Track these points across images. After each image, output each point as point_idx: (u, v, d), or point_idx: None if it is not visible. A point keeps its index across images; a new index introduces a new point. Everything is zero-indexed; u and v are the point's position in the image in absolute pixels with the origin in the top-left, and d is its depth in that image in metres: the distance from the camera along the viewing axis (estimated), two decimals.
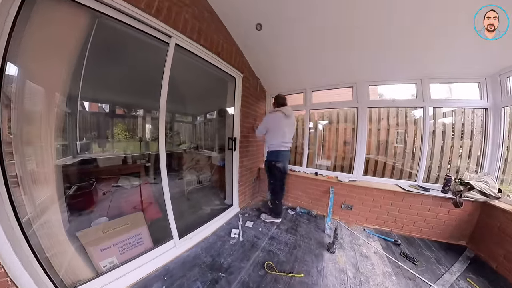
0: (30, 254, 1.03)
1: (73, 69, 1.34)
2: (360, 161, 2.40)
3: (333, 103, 2.65)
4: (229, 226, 2.13)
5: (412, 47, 1.71)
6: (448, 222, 1.88)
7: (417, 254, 1.78)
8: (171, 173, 3.37)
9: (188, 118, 5.08)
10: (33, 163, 1.19)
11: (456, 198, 1.77)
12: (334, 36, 1.83)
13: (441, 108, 2.10)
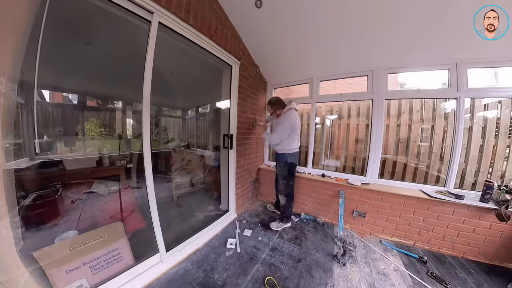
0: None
1: (25, 48, 1.10)
2: (375, 162, 2.21)
3: (344, 95, 2.45)
4: (225, 235, 2.02)
5: (445, 22, 1.47)
6: (491, 239, 1.65)
7: (450, 275, 1.58)
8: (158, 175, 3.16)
9: (177, 112, 4.84)
10: None
11: (501, 210, 1.53)
12: (346, 13, 1.61)
13: (482, 99, 1.84)
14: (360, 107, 2.59)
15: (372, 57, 2.00)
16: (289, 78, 2.77)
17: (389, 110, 2.34)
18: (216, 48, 1.90)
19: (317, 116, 2.83)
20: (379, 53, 1.94)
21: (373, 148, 2.20)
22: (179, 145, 4.03)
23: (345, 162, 2.78)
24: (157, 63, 1.42)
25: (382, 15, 1.54)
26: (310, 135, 2.72)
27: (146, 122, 1.41)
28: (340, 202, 2.11)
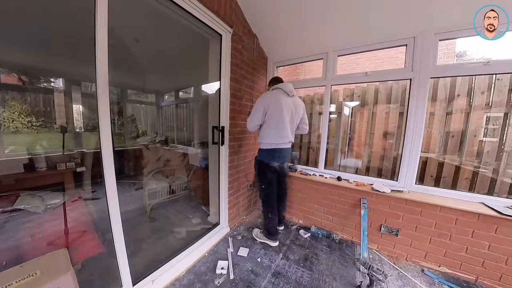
0: None
1: None
2: (411, 163, 1.90)
3: (371, 74, 2.07)
4: (214, 257, 1.83)
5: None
6: None
7: None
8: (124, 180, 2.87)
9: (149, 97, 4.44)
10: None
11: None
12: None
13: None
14: (392, 89, 2.26)
15: (416, 17, 1.61)
16: (297, 53, 2.46)
17: (435, 92, 1.99)
18: (199, 9, 1.61)
19: (333, 102, 2.57)
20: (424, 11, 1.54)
21: (409, 144, 1.89)
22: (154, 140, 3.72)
23: (369, 162, 2.51)
24: (116, 25, 1.20)
25: None
26: (322, 127, 2.44)
27: (104, 110, 1.19)
28: (363, 213, 1.87)
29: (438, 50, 1.66)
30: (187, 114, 3.99)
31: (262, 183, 2.01)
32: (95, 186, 2.47)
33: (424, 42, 1.68)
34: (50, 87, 2.93)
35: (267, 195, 2.02)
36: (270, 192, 2.01)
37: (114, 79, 1.22)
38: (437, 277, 1.60)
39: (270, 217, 2.00)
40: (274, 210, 2.02)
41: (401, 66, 1.89)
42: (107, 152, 1.23)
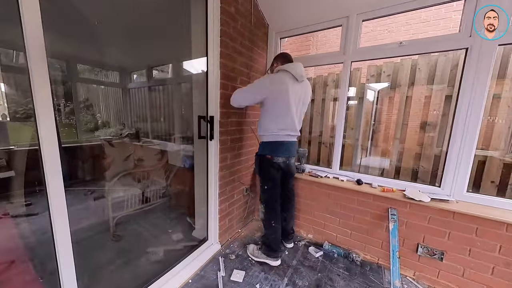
0: None
1: None
2: (462, 163, 1.63)
3: (408, 44, 1.77)
4: (200, 284, 1.66)
5: None
6: None
7: None
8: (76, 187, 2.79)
9: (111, 77, 4.05)
10: None
11: None
12: None
13: None
14: (437, 64, 2.00)
15: None
16: (307, 18, 2.19)
17: (504, 66, 1.70)
18: None
19: (352, 85, 2.34)
20: None
21: (458, 138, 1.62)
22: (120, 134, 3.44)
23: (400, 162, 2.31)
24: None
25: None
26: (338, 117, 2.23)
27: (42, 91, 1.00)
28: (392, 228, 1.69)
29: None
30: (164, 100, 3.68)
31: (264, 183, 1.90)
32: (32, 197, 2.20)
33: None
34: None
35: (270, 198, 1.90)
36: (274, 195, 1.90)
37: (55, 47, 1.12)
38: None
39: (273, 226, 1.86)
40: (278, 218, 1.90)
41: (454, 31, 1.58)
42: (50, 150, 1.03)
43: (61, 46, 2.76)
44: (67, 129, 3.59)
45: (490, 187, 1.80)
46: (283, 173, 1.92)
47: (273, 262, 1.87)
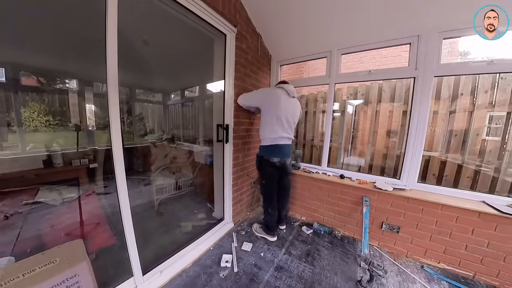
0: None
1: None
2: (414, 161, 1.92)
3: (375, 73, 2.08)
4: (219, 251, 1.89)
5: None
6: None
7: None
8: (133, 176, 2.99)
9: (156, 97, 4.59)
10: None
11: None
12: None
13: None
14: (395, 88, 2.28)
15: (420, 15, 1.61)
16: (301, 51, 2.48)
17: (439, 91, 2.01)
18: (205, 9, 1.66)
19: (336, 101, 2.57)
20: (428, 10, 1.54)
21: (412, 142, 1.91)
22: (161, 138, 3.83)
23: (372, 161, 2.55)
24: (125, 28, 1.25)
25: None
26: (326, 125, 2.48)
27: (114, 109, 1.24)
28: (365, 211, 1.91)
29: (442, 49, 1.67)
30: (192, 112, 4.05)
31: (263, 178, 2.08)
32: (107, 182, 2.58)
33: (428, 40, 1.69)
34: (65, 88, 3.09)
35: (267, 191, 2.08)
36: (270, 188, 2.06)
37: (123, 79, 1.32)
38: (436, 273, 1.64)
39: (269, 212, 2.06)
40: (274, 206, 2.07)
41: (405, 65, 1.89)
42: (117, 150, 1.29)
43: (127, 78, 3.24)
44: (127, 135, 4.03)
45: (432, 178, 2.07)
46: (279, 171, 2.04)
47: (271, 238, 2.09)
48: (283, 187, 2.17)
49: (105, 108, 1.28)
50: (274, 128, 1.91)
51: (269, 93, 1.97)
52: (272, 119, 1.90)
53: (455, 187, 1.87)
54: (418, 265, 1.78)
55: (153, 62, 2.87)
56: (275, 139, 1.95)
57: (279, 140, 1.95)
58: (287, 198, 2.24)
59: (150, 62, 3.02)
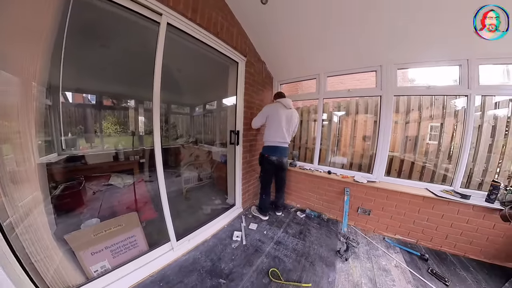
0: (13, 259, 1.02)
1: (50, 55, 1.26)
2: (382, 160, 2.24)
3: (352, 91, 2.43)
4: (231, 228, 2.11)
5: (453, 18, 1.47)
6: (493, 239, 1.69)
7: (449, 273, 1.64)
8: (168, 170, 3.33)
9: (185, 109, 5.07)
10: (13, 162, 1.15)
11: (506, 210, 1.56)
12: (353, 8, 1.62)
13: (493, 97, 1.82)
14: (368, 103, 2.58)
15: (382, 52, 1.99)
16: (296, 74, 2.79)
17: (398, 106, 2.31)
18: (222, 45, 1.96)
19: (324, 112, 2.84)
20: (388, 48, 1.92)
21: (380, 145, 2.21)
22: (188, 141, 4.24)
23: (352, 160, 2.80)
24: (166, 62, 1.50)
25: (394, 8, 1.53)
26: (317, 131, 2.76)
27: (156, 119, 1.50)
28: (346, 199, 2.18)
29: (397, 76, 2.03)
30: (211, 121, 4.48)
31: (262, 171, 2.30)
32: (151, 172, 2.93)
33: (388, 69, 2.05)
34: (127, 106, 3.73)
35: (264, 181, 2.29)
36: (266, 179, 2.27)
37: (163, 98, 1.56)
38: (392, 242, 2.00)
39: (263, 198, 2.29)
40: (268, 193, 2.28)
41: (373, 86, 2.22)
42: (157, 149, 1.51)
43: (165, 96, 3.78)
44: (164, 138, 4.37)
45: (394, 172, 2.37)
46: (276, 167, 2.21)
47: (263, 217, 2.30)
48: (279, 180, 2.36)
49: (150, 119, 1.49)
50: (274, 133, 2.13)
51: (270, 109, 2.18)
52: (273, 127, 2.13)
53: (409, 179, 2.19)
54: (381, 237, 2.11)
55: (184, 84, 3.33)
56: (274, 141, 2.15)
57: (277, 142, 2.15)
58: (282, 189, 2.42)
59: (182, 84, 3.48)
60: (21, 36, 1.11)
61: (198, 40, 1.75)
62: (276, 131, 2.15)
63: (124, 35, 1.98)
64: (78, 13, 1.27)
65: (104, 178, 2.65)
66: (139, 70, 1.81)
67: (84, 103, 3.42)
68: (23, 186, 1.19)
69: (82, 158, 2.76)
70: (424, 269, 1.67)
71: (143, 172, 2.91)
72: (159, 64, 1.47)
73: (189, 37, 1.68)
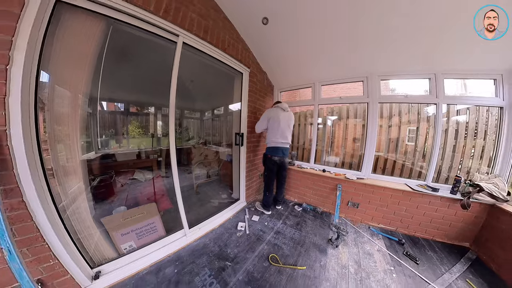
0: (66, 234, 1.27)
1: (93, 73, 1.52)
2: (369, 159, 2.40)
3: (343, 98, 2.61)
4: (236, 219, 2.24)
5: (424, 39, 1.67)
6: (454, 224, 1.91)
7: (420, 254, 1.84)
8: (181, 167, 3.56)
9: (196, 114, 5.35)
10: (64, 158, 1.42)
11: (464, 200, 1.78)
12: (343, 27, 1.82)
13: (455, 105, 2.04)
14: (357, 109, 2.75)
15: (366, 66, 2.19)
16: (294, 83, 2.96)
17: (382, 112, 2.49)
18: (229, 59, 2.15)
19: (320, 116, 2.98)
20: (372, 61, 2.12)
21: (368, 146, 2.38)
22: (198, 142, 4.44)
23: (344, 159, 2.94)
24: (180, 74, 1.67)
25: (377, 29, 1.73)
26: (313, 134, 2.93)
27: (172, 123, 1.66)
28: (338, 194, 2.33)
29: (380, 86, 2.22)
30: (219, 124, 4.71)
31: (265, 170, 2.38)
32: (167, 169, 3.14)
33: (372, 80, 2.24)
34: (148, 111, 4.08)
35: (267, 180, 2.36)
36: (269, 177, 2.34)
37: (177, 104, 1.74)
38: (376, 230, 2.17)
39: (266, 194, 2.36)
40: (270, 190, 2.36)
41: (361, 94, 2.40)
42: (172, 149, 1.66)
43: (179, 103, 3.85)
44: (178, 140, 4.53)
45: (379, 170, 2.53)
46: (278, 166, 2.27)
47: (266, 212, 2.39)
48: (281, 178, 2.43)
49: (167, 123, 1.64)
50: (275, 134, 2.20)
51: (270, 113, 2.27)
52: (274, 128, 2.21)
53: (391, 175, 2.37)
54: (367, 227, 2.28)
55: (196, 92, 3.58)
56: (276, 142, 2.22)
57: (279, 143, 2.22)
58: (283, 186, 2.51)
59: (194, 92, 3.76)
60: (73, 60, 1.38)
61: (208, 55, 1.93)
62: (277, 132, 2.21)
63: (147, 53, 2.22)
64: (114, 39, 1.53)
65: (130, 173, 2.92)
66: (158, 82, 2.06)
67: (115, 110, 3.78)
68: (71, 177, 1.44)
69: (113, 156, 3.10)
70: (400, 252, 1.86)
71: (160, 169, 3.16)
72: (175, 76, 1.65)
73: (200, 52, 1.86)
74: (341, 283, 1.44)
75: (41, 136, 1.14)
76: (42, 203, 1.09)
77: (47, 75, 1.22)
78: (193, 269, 1.50)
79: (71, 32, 1.29)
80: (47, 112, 1.27)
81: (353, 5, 1.59)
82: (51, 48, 1.17)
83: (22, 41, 1.00)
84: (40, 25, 1.07)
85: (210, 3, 1.92)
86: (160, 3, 1.50)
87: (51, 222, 1.14)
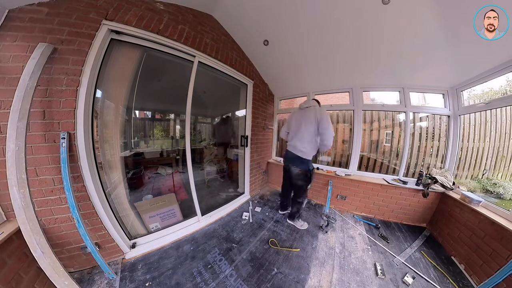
0: (111, 213, 1.54)
1: (130, 88, 1.83)
2: (355, 158, 2.57)
3: (334, 106, 2.78)
4: (241, 210, 2.38)
5: (391, 59, 1.91)
6: (417, 209, 2.16)
7: (391, 235, 2.06)
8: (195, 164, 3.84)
9: (208, 119, 5.61)
10: (109, 155, 1.72)
11: (425, 190, 2.02)
12: (329, 48, 2.04)
13: (418, 113, 2.29)
14: (345, 115, 2.93)
15: (351, 79, 2.39)
16: (292, 92, 3.15)
17: (365, 118, 2.65)
18: (235, 72, 2.34)
19: None
20: (356, 76, 2.33)
21: (354, 147, 2.55)
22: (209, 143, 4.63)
23: (335, 158, 3.09)
24: (195, 86, 1.85)
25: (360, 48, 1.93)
26: None
27: (187, 127, 1.84)
28: (329, 189, 2.51)
29: (363, 96, 2.42)
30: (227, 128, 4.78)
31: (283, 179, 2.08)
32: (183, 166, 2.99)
33: (356, 91, 2.43)
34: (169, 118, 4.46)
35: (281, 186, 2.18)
36: (282, 185, 2.17)
37: (192, 111, 1.85)
38: (359, 218, 2.35)
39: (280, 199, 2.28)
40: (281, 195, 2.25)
41: (348, 102, 2.58)
42: (188, 149, 1.84)
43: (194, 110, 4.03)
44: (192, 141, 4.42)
45: (363, 167, 2.68)
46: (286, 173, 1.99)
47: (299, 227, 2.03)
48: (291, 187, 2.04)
49: (184, 127, 1.82)
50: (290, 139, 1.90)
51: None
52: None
53: (373, 172, 2.56)
54: (352, 215, 2.45)
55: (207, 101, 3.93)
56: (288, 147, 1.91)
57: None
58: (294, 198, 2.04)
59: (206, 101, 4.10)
60: (117, 79, 1.69)
61: (219, 70, 2.13)
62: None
63: (170, 71, 2.51)
64: (146, 61, 1.83)
65: (154, 168, 3.20)
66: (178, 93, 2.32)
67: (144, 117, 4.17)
68: (114, 170, 1.74)
69: (142, 154, 3.46)
70: (376, 234, 2.06)
71: (178, 166, 3.42)
72: (191, 88, 1.84)
73: (212, 68, 2.07)
74: (328, 260, 1.62)
75: (94, 138, 1.42)
76: (96, 188, 1.37)
77: (100, 91, 1.53)
78: (205, 248, 1.67)
79: (118, 59, 1.59)
80: (98, 119, 1.58)
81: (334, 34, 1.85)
82: (104, 71, 1.47)
83: (87, 68, 1.30)
84: (100, 57, 1.38)
85: (221, 31, 2.21)
86: (182, 33, 1.77)
87: (102, 203, 1.41)
